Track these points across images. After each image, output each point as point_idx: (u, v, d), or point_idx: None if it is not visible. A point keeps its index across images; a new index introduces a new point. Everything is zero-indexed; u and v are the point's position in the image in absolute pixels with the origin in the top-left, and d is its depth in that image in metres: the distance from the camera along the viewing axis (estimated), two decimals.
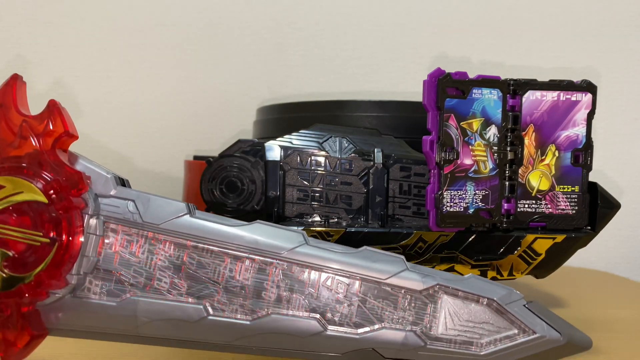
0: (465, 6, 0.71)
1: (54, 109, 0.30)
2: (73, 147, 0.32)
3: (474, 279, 0.31)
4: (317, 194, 0.40)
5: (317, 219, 0.40)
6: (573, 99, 0.38)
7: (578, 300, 0.53)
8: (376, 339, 0.31)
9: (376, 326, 0.31)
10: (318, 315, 0.31)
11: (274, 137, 0.40)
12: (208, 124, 0.71)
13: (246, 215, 0.40)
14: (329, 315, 0.31)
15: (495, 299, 0.31)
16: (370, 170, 0.40)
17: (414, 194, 0.40)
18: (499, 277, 0.40)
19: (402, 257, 0.32)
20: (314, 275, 0.31)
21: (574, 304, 0.52)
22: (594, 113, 0.38)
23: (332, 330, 0.31)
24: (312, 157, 0.40)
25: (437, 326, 0.31)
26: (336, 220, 0.40)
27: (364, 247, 0.32)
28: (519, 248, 0.39)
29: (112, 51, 0.70)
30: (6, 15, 0.69)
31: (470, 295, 0.31)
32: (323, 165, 0.40)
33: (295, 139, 0.40)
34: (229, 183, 0.40)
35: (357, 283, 0.31)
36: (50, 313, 0.31)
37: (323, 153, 0.40)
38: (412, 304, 0.31)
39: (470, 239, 0.39)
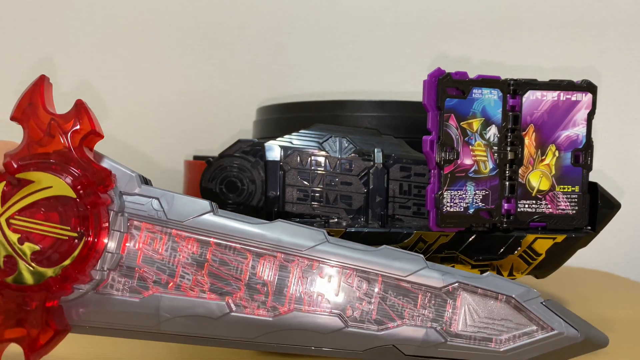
0: (465, 6, 0.71)
1: (81, 108, 0.31)
2: None
3: (492, 277, 0.32)
4: (317, 194, 0.40)
5: (317, 219, 0.40)
6: (573, 99, 0.38)
7: (578, 300, 0.53)
8: (397, 335, 0.31)
9: (397, 323, 0.31)
10: (339, 312, 0.31)
11: (274, 137, 0.40)
12: (208, 124, 0.71)
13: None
14: (350, 312, 0.31)
15: (513, 296, 0.31)
16: (370, 170, 0.40)
17: (414, 194, 0.40)
18: None
19: (422, 255, 0.32)
20: (335, 272, 0.31)
21: (574, 304, 0.52)
22: (594, 113, 0.38)
23: (354, 326, 0.31)
24: (312, 157, 0.40)
25: (457, 323, 0.31)
26: (336, 220, 0.40)
27: (384, 245, 0.32)
28: (519, 248, 0.39)
29: (112, 51, 0.70)
30: (6, 17, 0.69)
31: (489, 293, 0.31)
32: (323, 165, 0.40)
33: (295, 139, 0.40)
34: (229, 183, 0.40)
35: (378, 280, 0.31)
36: (73, 309, 0.32)
37: (323, 153, 0.40)
38: (432, 301, 0.31)
39: (471, 239, 0.39)
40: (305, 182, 0.40)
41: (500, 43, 0.71)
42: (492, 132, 0.37)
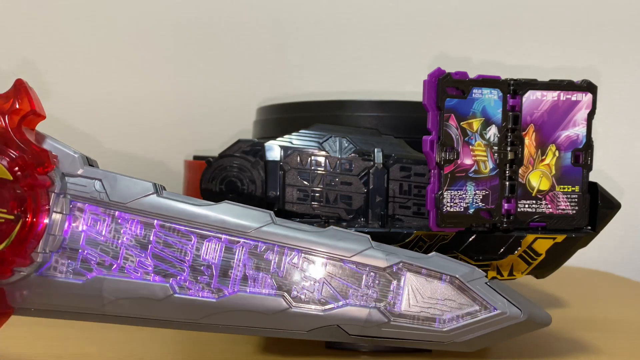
0: (465, 6, 0.71)
1: (20, 88, 0.30)
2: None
3: (437, 257, 0.32)
4: (317, 194, 0.40)
5: (318, 218, 0.40)
6: (573, 99, 0.38)
7: (578, 300, 0.53)
8: (341, 315, 0.31)
9: (341, 303, 0.31)
10: (284, 293, 0.31)
11: (274, 137, 0.40)
12: (208, 124, 0.71)
13: None
14: (294, 292, 0.31)
15: (457, 276, 0.31)
16: (370, 170, 0.39)
17: (414, 194, 0.40)
18: (499, 277, 0.40)
19: (368, 236, 0.32)
20: (280, 253, 0.32)
21: (574, 304, 0.52)
22: (594, 113, 0.38)
23: (298, 307, 0.31)
24: (312, 157, 0.40)
25: (401, 303, 0.31)
26: (336, 220, 0.40)
27: (330, 226, 0.32)
28: (519, 248, 0.39)
29: (112, 51, 0.70)
30: (6, 15, 0.69)
31: (433, 273, 0.32)
32: (323, 165, 0.40)
33: (295, 139, 0.40)
34: (229, 183, 0.40)
35: (323, 261, 0.32)
36: (15, 292, 0.31)
37: (323, 153, 0.40)
38: (376, 281, 0.32)
39: (471, 239, 0.39)
40: (305, 182, 0.40)
41: (500, 43, 0.71)
42: (492, 132, 0.37)
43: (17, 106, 0.30)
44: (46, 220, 0.30)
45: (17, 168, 0.29)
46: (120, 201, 0.31)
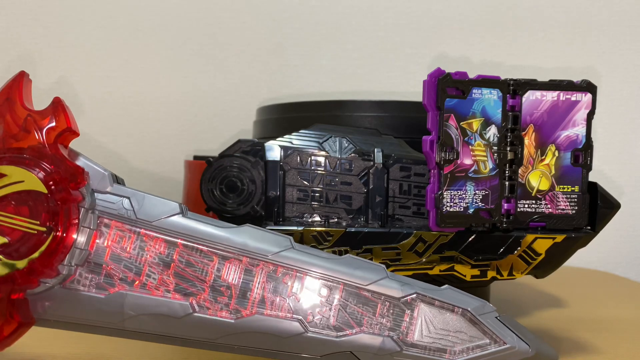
0: (465, 6, 0.71)
1: (58, 106, 0.31)
2: (74, 146, 0.33)
3: (449, 290, 0.33)
4: (317, 194, 0.40)
5: (317, 219, 0.40)
6: (573, 99, 0.38)
7: (578, 300, 0.53)
8: (354, 342, 0.32)
9: (355, 330, 0.32)
10: (300, 317, 0.32)
11: (274, 137, 0.40)
12: (208, 124, 0.71)
13: (246, 215, 0.40)
14: (310, 317, 0.32)
15: (469, 309, 0.32)
16: (370, 170, 0.40)
17: (414, 194, 0.40)
18: (499, 277, 0.40)
19: (383, 265, 0.33)
20: (298, 278, 0.32)
21: (574, 304, 0.52)
22: (594, 113, 0.38)
23: (313, 332, 0.32)
24: (312, 157, 0.40)
25: (413, 333, 0.32)
26: (336, 220, 0.40)
27: (347, 254, 0.33)
28: (519, 248, 0.39)
29: (113, 51, 0.70)
30: (7, 15, 0.69)
31: (446, 305, 0.32)
32: (323, 165, 0.40)
33: (295, 139, 0.40)
34: (229, 183, 0.40)
35: (339, 288, 0.32)
36: (39, 302, 0.32)
37: (323, 153, 0.40)
38: (391, 311, 0.32)
39: (470, 239, 0.39)
40: (305, 182, 0.40)
41: (500, 43, 0.71)
42: (492, 132, 0.37)
43: (54, 123, 0.31)
44: (74, 235, 0.31)
45: (51, 182, 0.30)
46: (147, 219, 0.32)
